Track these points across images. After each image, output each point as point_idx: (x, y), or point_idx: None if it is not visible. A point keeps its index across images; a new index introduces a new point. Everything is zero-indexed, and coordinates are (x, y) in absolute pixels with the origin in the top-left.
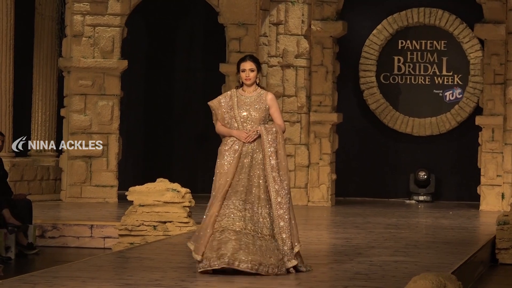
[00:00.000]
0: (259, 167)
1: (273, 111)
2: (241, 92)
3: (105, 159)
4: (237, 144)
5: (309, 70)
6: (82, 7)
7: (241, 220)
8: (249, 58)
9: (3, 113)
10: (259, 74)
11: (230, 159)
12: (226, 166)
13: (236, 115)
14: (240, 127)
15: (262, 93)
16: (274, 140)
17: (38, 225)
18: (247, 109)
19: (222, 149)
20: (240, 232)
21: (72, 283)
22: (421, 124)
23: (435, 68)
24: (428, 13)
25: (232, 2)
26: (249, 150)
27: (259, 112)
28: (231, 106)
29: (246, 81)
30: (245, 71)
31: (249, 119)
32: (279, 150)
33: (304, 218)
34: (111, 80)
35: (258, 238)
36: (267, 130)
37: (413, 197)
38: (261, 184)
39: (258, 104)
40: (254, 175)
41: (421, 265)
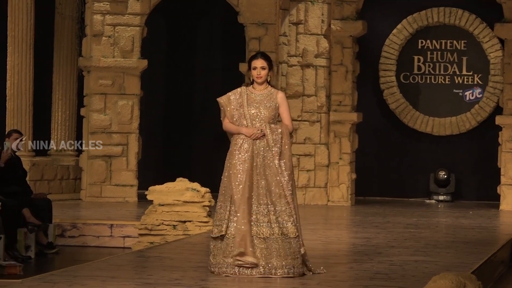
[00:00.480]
0: (273, 164)
1: (282, 110)
2: (251, 89)
3: (125, 158)
4: (247, 143)
5: (329, 69)
6: (102, 6)
7: (268, 226)
8: (261, 55)
9: (23, 112)
10: (271, 72)
11: (242, 158)
12: (239, 166)
13: (245, 113)
14: (249, 125)
15: (273, 91)
16: (278, 140)
17: (58, 225)
18: (256, 107)
19: (232, 149)
20: (269, 238)
21: (91, 282)
22: (441, 123)
23: (455, 67)
24: (448, 12)
25: (252, 1)
26: (260, 148)
27: (268, 110)
28: (240, 103)
29: (257, 79)
30: (256, 68)
31: (258, 117)
32: (284, 150)
33: (324, 218)
34: (131, 80)
35: (285, 240)
36: (271, 130)
37: (433, 197)
38: (278, 182)
39: (269, 102)
40: (270, 173)
41: (441, 264)
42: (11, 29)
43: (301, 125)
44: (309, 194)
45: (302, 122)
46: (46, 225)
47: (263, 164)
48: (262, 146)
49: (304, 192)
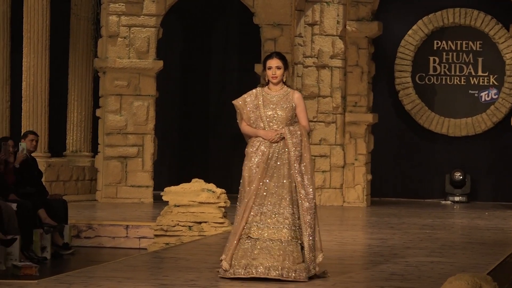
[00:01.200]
0: (284, 167)
1: (299, 110)
2: (267, 90)
3: (141, 159)
4: (264, 145)
5: (344, 70)
6: (118, 7)
7: (274, 228)
8: (276, 55)
9: (39, 113)
10: (286, 72)
11: (257, 161)
12: (254, 170)
13: (262, 115)
14: (266, 127)
15: (289, 91)
16: (298, 143)
17: (73, 225)
18: (273, 108)
19: (249, 151)
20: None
21: (107, 283)
22: (456, 124)
23: (470, 68)
24: (463, 13)
25: (268, 2)
26: (276, 150)
27: (285, 112)
28: (256, 105)
29: (273, 79)
30: (271, 68)
31: (275, 119)
32: (304, 153)
33: (339, 219)
34: (146, 81)
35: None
36: (291, 133)
37: (449, 198)
38: (285, 184)
39: (285, 103)
40: (278, 175)
41: (456, 265)
42: (26, 30)
43: (317, 126)
44: (325, 195)
45: (318, 123)
46: (62, 226)
47: (277, 166)
48: (277, 149)
49: (320, 193)
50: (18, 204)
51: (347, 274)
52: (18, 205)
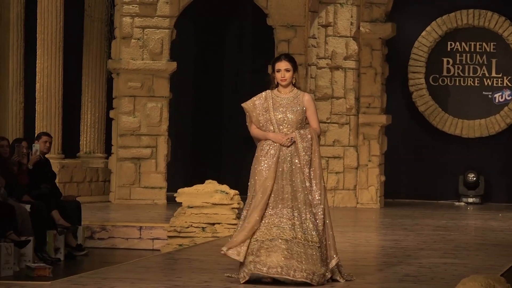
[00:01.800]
0: (300, 171)
1: (309, 113)
2: (276, 93)
3: (154, 160)
4: (274, 149)
5: (358, 71)
6: (131, 9)
7: (292, 229)
8: (284, 57)
9: (53, 114)
10: (296, 74)
11: (268, 164)
12: (264, 172)
13: (271, 118)
14: (276, 130)
15: (299, 94)
16: (309, 147)
17: (87, 227)
18: (283, 111)
19: (258, 154)
20: (291, 241)
21: (120, 285)
22: (470, 126)
23: (484, 69)
24: (477, 14)
25: (281, 4)
26: (287, 154)
27: (295, 115)
28: (266, 108)
29: (282, 81)
30: (280, 71)
31: (285, 122)
32: (313, 158)
33: (353, 220)
34: (160, 82)
35: (309, 246)
36: (302, 137)
37: (462, 199)
38: (304, 188)
39: (295, 106)
40: (296, 180)
41: (470, 267)
42: (40, 32)
43: (330, 127)
44: (338, 196)
45: (331, 124)
46: (75, 227)
47: (290, 169)
48: (289, 152)
49: (333, 195)
50: (32, 205)
51: (360, 276)
52: (31, 207)
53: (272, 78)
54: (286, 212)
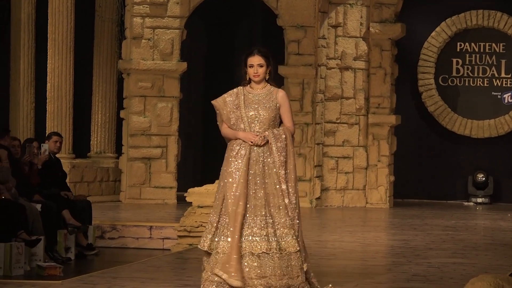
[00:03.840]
0: (273, 172)
1: (283, 110)
2: (248, 89)
3: (164, 160)
4: (244, 149)
5: (368, 72)
6: (142, 9)
7: (264, 240)
8: (258, 52)
9: (63, 114)
10: (269, 69)
11: (238, 166)
12: (235, 175)
13: (243, 115)
14: (247, 128)
15: (273, 90)
16: (283, 148)
17: (97, 226)
18: (255, 108)
19: (228, 155)
20: (264, 255)
21: (131, 284)
22: (479, 126)
23: (493, 70)
24: (486, 15)
25: (291, 4)
26: (259, 154)
27: (268, 112)
28: (237, 105)
29: (255, 77)
30: (253, 66)
31: (257, 119)
32: (288, 159)
33: (362, 220)
34: (170, 82)
35: (283, 257)
36: (275, 137)
37: (472, 199)
38: (278, 191)
39: (268, 102)
40: (270, 182)
41: (479, 267)
42: (51, 32)
43: (340, 128)
44: (348, 196)
45: (341, 124)
46: (86, 227)
47: (263, 172)
48: (261, 152)
49: (342, 194)
50: (43, 205)
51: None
52: (42, 206)
53: (244, 73)
54: (259, 222)
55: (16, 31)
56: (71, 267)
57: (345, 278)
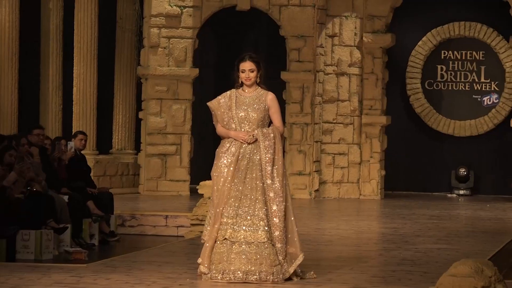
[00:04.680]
0: (257, 169)
1: (272, 112)
2: (240, 92)
3: (179, 156)
4: (234, 146)
5: (361, 77)
6: (158, 21)
7: (241, 230)
8: (249, 57)
9: (88, 115)
10: (260, 73)
11: (227, 162)
12: (223, 169)
13: (233, 116)
14: (237, 128)
15: (262, 93)
16: (271, 146)
17: (118, 215)
18: (245, 109)
19: (219, 151)
20: (237, 244)
21: (149, 267)
22: (461, 126)
23: (474, 75)
24: (468, 26)
25: (292, 16)
26: (247, 151)
27: (257, 113)
28: (229, 106)
29: (246, 81)
30: (244, 71)
31: (247, 120)
32: (276, 155)
33: (356, 210)
34: (184, 86)
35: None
36: (264, 135)
37: (454, 191)
38: (258, 186)
39: (257, 104)
40: (251, 177)
41: (461, 252)
42: (77, 41)
43: (336, 127)
44: (343, 188)
45: (337, 124)
46: (108, 216)
47: (246, 168)
48: (249, 149)
49: (338, 187)
50: (70, 196)
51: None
52: (69, 198)
53: (237, 77)
54: (240, 213)
55: (45, 41)
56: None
57: (341, 262)
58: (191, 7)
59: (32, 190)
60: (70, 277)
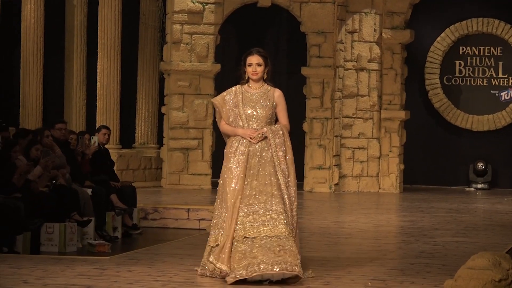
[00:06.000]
0: (269, 165)
1: (279, 109)
2: (246, 88)
3: (200, 151)
4: (243, 145)
5: (380, 73)
6: (181, 17)
7: (255, 227)
8: (256, 51)
9: (111, 110)
10: (268, 69)
11: (237, 162)
12: (234, 171)
13: (241, 113)
14: (245, 126)
15: (269, 89)
16: (282, 143)
17: (141, 209)
18: (252, 106)
19: (228, 151)
20: (258, 238)
21: (171, 259)
22: (479, 120)
23: (492, 71)
24: (486, 22)
25: (313, 13)
26: (257, 149)
27: (265, 110)
28: (236, 103)
29: (253, 75)
30: (251, 65)
31: (255, 117)
32: (287, 154)
33: (375, 203)
34: (205, 82)
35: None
36: (273, 133)
37: (472, 185)
38: (273, 181)
39: (265, 101)
40: (264, 174)
41: (479, 245)
42: (101, 37)
43: (356, 122)
44: (363, 182)
45: (357, 119)
46: (131, 209)
47: (258, 164)
48: (259, 147)
49: (358, 181)
50: (93, 190)
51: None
52: (93, 191)
53: (243, 72)
54: (251, 209)
55: (70, 37)
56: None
57: (360, 255)
58: (213, 4)
59: (56, 184)
60: (93, 269)
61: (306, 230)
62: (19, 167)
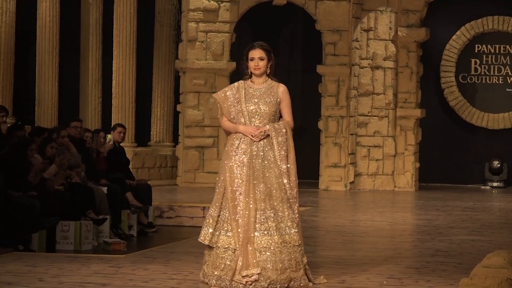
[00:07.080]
0: (275, 166)
1: (284, 105)
2: (249, 83)
3: (216, 149)
4: (244, 143)
5: (396, 71)
6: (196, 15)
7: (265, 235)
8: (259, 46)
9: (127, 108)
10: (270, 63)
11: (239, 160)
12: (236, 170)
13: (243, 109)
14: (247, 123)
15: (273, 84)
16: (284, 142)
17: (157, 207)
18: (255, 103)
19: (229, 149)
20: (266, 250)
21: (186, 258)
22: (495, 118)
23: (507, 69)
24: (501, 20)
25: (328, 11)
26: (259, 148)
27: (269, 106)
28: (238, 99)
29: (255, 70)
30: (253, 59)
31: (258, 114)
32: (289, 153)
33: (391, 202)
34: (221, 80)
35: (285, 249)
36: (276, 131)
37: (488, 183)
38: (280, 184)
39: (268, 97)
40: (270, 176)
41: (494, 243)
42: (116, 35)
43: (371, 120)
44: (378, 180)
45: (372, 117)
46: (147, 207)
47: (262, 165)
48: (261, 146)
49: (373, 179)
50: (109, 188)
51: (398, 250)
52: (108, 189)
53: (246, 67)
54: (259, 216)
55: (85, 35)
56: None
57: (376, 253)
58: (228, 2)
59: (72, 182)
60: (109, 267)
61: (321, 229)
62: (34, 165)
